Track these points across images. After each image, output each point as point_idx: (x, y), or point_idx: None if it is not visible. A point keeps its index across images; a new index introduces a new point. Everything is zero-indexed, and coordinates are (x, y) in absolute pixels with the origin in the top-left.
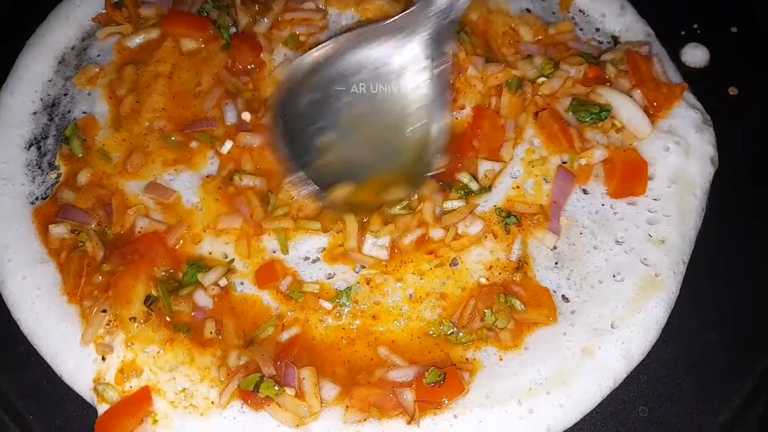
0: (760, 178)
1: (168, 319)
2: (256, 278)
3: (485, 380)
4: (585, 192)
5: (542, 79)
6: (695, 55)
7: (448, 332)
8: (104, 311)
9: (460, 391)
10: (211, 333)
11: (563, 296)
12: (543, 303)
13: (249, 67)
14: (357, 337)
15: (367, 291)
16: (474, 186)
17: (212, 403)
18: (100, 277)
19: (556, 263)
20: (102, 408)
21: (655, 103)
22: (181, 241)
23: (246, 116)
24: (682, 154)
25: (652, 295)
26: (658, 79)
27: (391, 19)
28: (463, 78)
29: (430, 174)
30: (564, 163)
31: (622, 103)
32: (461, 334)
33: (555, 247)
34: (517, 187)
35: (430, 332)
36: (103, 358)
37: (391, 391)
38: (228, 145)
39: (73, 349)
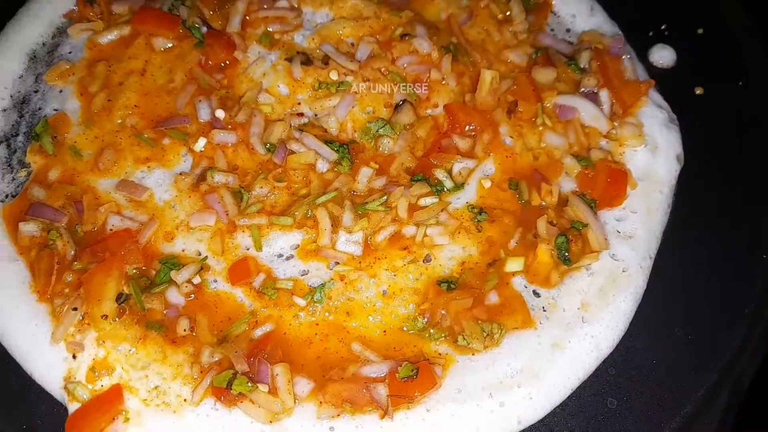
0: (723, 175)
1: (141, 316)
2: (229, 275)
3: (457, 374)
4: None
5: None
6: (663, 55)
7: (422, 328)
8: (75, 309)
9: (433, 385)
10: (184, 330)
11: (534, 292)
12: (517, 310)
13: (223, 64)
14: (330, 333)
15: (341, 287)
16: (448, 183)
17: (185, 400)
18: (71, 275)
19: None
20: (72, 407)
21: (622, 102)
22: (153, 239)
23: (220, 114)
24: (649, 152)
25: (620, 289)
26: (626, 77)
27: None
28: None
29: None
30: (535, 159)
31: (583, 106)
32: (432, 330)
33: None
34: (490, 184)
35: (404, 328)
36: (74, 357)
37: (365, 386)
38: (201, 143)
39: (43, 348)
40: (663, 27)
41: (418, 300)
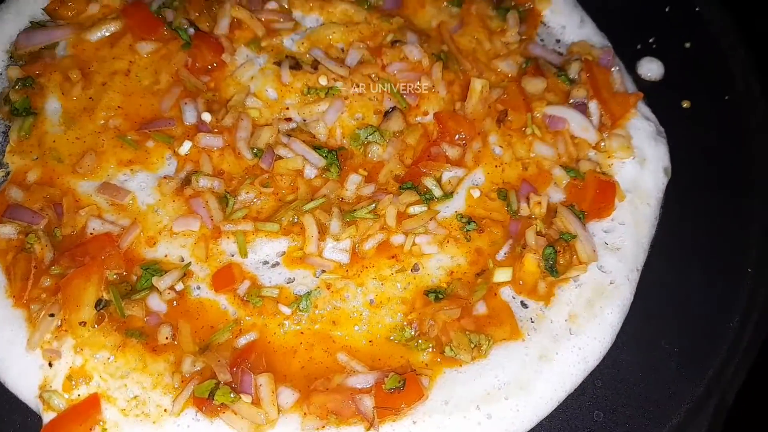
0: (709, 187)
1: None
2: (213, 282)
3: (444, 386)
4: None
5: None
6: (651, 68)
7: (409, 338)
8: (52, 315)
9: (420, 397)
10: (166, 338)
11: (522, 303)
12: (505, 320)
13: (210, 66)
14: (316, 342)
15: (327, 296)
16: (437, 192)
17: (165, 410)
18: (49, 280)
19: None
20: (48, 416)
21: (611, 114)
22: (135, 244)
23: (206, 117)
24: (637, 164)
25: (607, 301)
26: (615, 88)
27: None
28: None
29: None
30: (525, 170)
31: (572, 117)
32: (420, 340)
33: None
34: (479, 193)
35: (391, 338)
36: (50, 364)
37: (350, 397)
38: (186, 146)
39: (18, 355)
40: (651, 40)
41: (406, 310)
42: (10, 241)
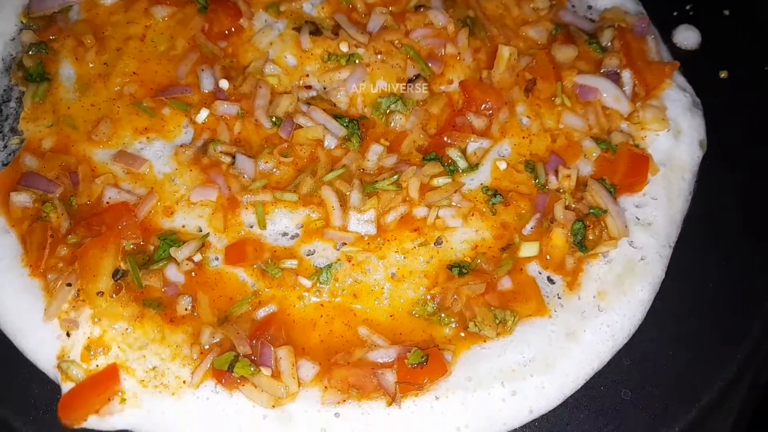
0: (747, 162)
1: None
2: (225, 256)
3: (468, 362)
4: None
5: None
6: (687, 36)
7: (432, 312)
8: (69, 285)
9: (443, 372)
10: (186, 309)
11: (549, 278)
12: (531, 296)
13: (227, 32)
14: (336, 315)
15: (348, 268)
16: (462, 164)
17: (184, 382)
18: (65, 249)
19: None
20: (66, 386)
21: (645, 84)
22: (152, 213)
23: (224, 84)
24: (671, 137)
25: (638, 278)
26: (650, 57)
27: None
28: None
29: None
30: (553, 141)
31: (604, 87)
32: (443, 315)
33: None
34: (506, 165)
35: (413, 312)
36: (68, 335)
37: (372, 372)
38: (204, 114)
39: (35, 324)
40: (688, 7)
41: (429, 284)
42: (26, 210)
